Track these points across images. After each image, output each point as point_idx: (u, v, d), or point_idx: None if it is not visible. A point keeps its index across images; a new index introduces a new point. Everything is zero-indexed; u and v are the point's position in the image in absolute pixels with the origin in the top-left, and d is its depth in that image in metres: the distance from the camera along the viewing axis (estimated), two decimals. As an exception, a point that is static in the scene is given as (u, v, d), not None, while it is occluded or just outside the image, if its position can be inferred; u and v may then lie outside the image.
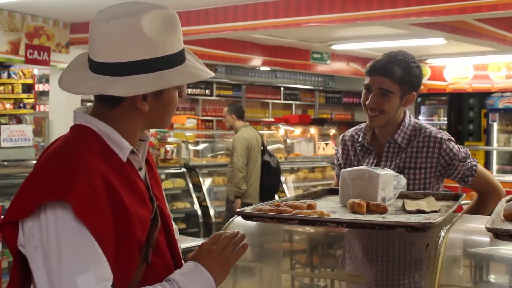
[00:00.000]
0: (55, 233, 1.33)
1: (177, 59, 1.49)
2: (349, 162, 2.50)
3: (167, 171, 6.97)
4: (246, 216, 1.73)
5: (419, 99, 12.27)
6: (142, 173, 1.55)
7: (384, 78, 2.32)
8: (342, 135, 2.61)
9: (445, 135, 2.40)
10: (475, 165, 2.39)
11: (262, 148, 6.70)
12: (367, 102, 2.35)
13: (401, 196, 2.03)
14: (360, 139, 2.47)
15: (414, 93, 2.40)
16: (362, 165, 2.41)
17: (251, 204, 8.11)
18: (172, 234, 1.62)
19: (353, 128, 2.57)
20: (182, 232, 5.97)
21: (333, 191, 2.16)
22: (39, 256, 1.34)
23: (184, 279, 1.46)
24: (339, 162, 2.57)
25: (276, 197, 7.28)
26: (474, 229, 1.80)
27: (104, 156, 1.43)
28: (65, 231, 1.33)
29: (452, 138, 2.42)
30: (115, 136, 1.46)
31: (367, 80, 2.37)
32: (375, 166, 2.37)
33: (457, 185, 2.76)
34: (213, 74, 1.57)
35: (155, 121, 1.54)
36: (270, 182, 6.76)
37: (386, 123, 2.38)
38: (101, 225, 1.35)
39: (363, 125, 2.53)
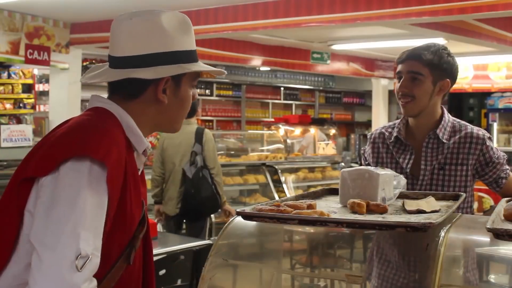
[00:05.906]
0: (75, 185, 1.30)
1: (193, 56, 1.55)
2: (380, 161, 2.43)
3: (167, 171, 6.93)
4: (246, 216, 1.72)
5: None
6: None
7: (413, 61, 2.29)
8: (369, 133, 2.53)
9: (486, 133, 2.37)
10: (508, 168, 2.36)
11: None
12: (397, 88, 2.31)
13: (401, 196, 2.03)
14: (394, 134, 2.40)
15: (448, 80, 2.33)
16: (397, 162, 2.38)
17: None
18: (149, 241, 1.59)
19: (381, 126, 2.52)
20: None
21: (333, 191, 2.16)
22: (47, 203, 1.30)
23: None
24: (367, 163, 2.49)
25: (276, 197, 7.27)
26: (474, 229, 1.80)
27: (125, 142, 1.44)
28: (88, 186, 1.30)
29: (491, 137, 2.39)
30: (136, 128, 1.47)
31: (398, 68, 2.34)
32: (414, 162, 2.34)
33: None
34: (225, 72, 1.65)
35: (169, 119, 1.55)
36: None
37: (420, 111, 2.32)
38: (113, 198, 1.35)
39: (391, 123, 2.49)
